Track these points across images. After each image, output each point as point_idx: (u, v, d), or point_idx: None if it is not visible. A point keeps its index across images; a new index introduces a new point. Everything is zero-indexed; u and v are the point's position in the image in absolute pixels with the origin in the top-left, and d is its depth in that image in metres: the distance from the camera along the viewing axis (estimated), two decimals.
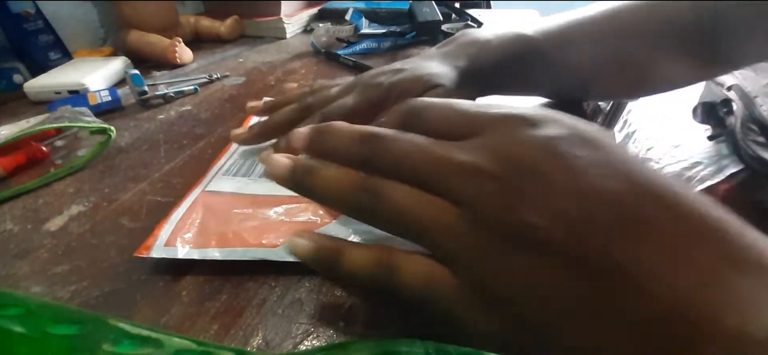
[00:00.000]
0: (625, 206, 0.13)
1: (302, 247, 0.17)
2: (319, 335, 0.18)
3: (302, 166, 0.18)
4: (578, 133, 0.15)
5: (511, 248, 0.14)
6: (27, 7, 0.49)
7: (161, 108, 0.43)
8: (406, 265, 0.16)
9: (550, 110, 0.16)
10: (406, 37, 0.60)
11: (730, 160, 0.83)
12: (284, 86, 0.40)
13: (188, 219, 0.24)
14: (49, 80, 0.46)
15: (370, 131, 0.18)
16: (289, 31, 0.69)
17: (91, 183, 0.30)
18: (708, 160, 0.87)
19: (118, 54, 0.56)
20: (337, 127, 0.19)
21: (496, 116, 0.16)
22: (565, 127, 0.15)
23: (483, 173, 0.14)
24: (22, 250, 0.24)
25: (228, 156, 0.31)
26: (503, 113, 0.16)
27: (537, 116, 0.16)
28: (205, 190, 0.27)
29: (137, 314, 0.19)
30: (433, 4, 0.61)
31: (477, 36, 0.33)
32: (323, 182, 0.18)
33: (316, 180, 0.18)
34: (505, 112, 0.16)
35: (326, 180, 0.17)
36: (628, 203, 0.13)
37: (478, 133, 0.16)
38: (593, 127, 0.15)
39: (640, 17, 0.32)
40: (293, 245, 0.17)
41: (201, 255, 0.21)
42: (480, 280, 0.14)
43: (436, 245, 0.15)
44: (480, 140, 0.15)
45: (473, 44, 0.33)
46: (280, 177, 0.18)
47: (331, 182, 0.17)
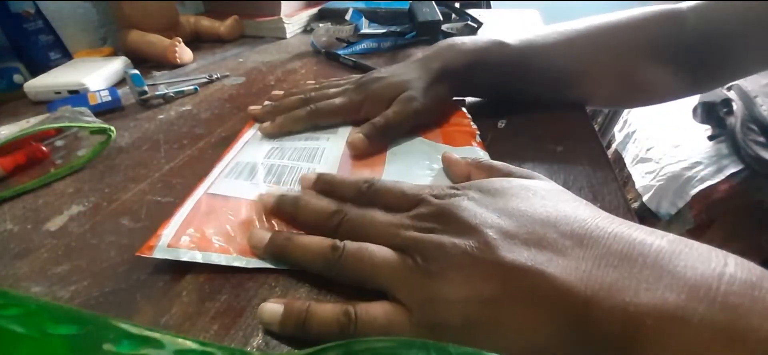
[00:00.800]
0: (533, 234, 0.17)
1: (270, 313, 0.18)
2: None
3: (282, 236, 0.22)
4: (480, 186, 0.21)
5: (444, 277, 0.17)
6: (27, 7, 0.49)
7: (161, 108, 0.43)
8: (366, 312, 0.18)
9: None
10: (406, 37, 0.60)
11: (730, 160, 0.83)
12: (302, 84, 0.44)
13: (191, 221, 0.24)
14: (49, 80, 0.46)
15: (336, 209, 0.22)
16: (289, 31, 0.69)
17: (91, 183, 0.30)
18: (708, 160, 0.86)
19: (118, 54, 0.56)
20: (307, 202, 0.23)
21: (424, 196, 0.21)
22: (473, 186, 0.21)
23: (420, 229, 0.19)
24: (22, 250, 0.24)
25: (229, 158, 0.31)
26: (426, 195, 0.21)
27: (458, 191, 0.21)
28: (208, 191, 0.27)
29: (137, 314, 0.19)
30: (433, 4, 0.61)
31: (455, 41, 0.36)
32: (300, 246, 0.21)
33: (293, 245, 0.21)
34: (427, 194, 0.21)
35: (302, 245, 0.21)
36: (534, 231, 0.17)
37: (415, 206, 0.21)
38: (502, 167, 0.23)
39: (620, 29, 0.34)
40: (262, 311, 0.19)
41: (204, 259, 0.21)
42: (428, 317, 0.17)
43: (391, 285, 0.19)
44: (419, 209, 0.21)
45: (450, 48, 0.36)
46: (258, 247, 0.22)
47: (306, 245, 0.21)
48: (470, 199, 0.20)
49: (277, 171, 0.29)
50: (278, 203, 0.24)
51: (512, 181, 0.21)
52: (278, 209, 0.24)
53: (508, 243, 0.17)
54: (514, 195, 0.20)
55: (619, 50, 0.34)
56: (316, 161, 0.30)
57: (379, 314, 0.18)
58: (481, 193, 0.20)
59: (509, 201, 0.19)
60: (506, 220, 0.18)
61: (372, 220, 0.21)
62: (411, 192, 0.22)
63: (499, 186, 0.20)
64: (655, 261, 0.15)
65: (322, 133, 0.34)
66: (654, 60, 0.33)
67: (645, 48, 0.33)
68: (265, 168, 0.29)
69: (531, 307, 0.15)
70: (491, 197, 0.20)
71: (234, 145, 0.33)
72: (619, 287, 0.14)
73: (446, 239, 0.18)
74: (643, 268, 0.15)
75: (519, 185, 0.20)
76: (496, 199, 0.20)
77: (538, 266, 0.16)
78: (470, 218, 0.18)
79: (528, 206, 0.19)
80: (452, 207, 0.19)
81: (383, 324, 0.18)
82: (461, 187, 0.21)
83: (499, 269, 0.16)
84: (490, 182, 0.21)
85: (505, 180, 0.21)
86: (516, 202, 0.19)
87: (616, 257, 0.15)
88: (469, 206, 0.19)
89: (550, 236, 0.17)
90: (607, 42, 0.34)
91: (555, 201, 0.19)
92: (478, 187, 0.21)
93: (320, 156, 0.31)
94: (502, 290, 0.16)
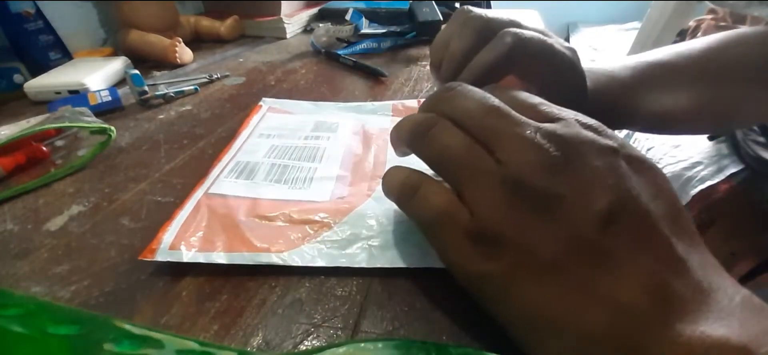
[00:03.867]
0: (643, 220, 0.15)
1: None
2: (319, 335, 0.18)
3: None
4: (634, 156, 0.17)
5: (532, 209, 0.16)
6: (27, 7, 0.49)
7: (161, 108, 0.43)
8: (429, 189, 0.18)
9: (616, 133, 0.18)
10: (406, 36, 0.60)
11: (730, 160, 0.83)
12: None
13: (192, 222, 0.24)
14: (49, 80, 0.46)
15: (455, 86, 0.20)
16: (289, 31, 0.69)
17: (91, 183, 0.30)
18: (708, 160, 0.86)
19: (118, 54, 0.55)
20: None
21: (572, 115, 0.18)
22: (624, 147, 0.17)
23: (535, 149, 0.16)
24: (22, 250, 0.24)
25: (229, 157, 0.31)
26: (578, 117, 0.18)
27: (606, 130, 0.18)
28: (208, 192, 0.27)
29: (137, 314, 0.19)
30: (433, 4, 0.61)
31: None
32: (407, 119, 0.21)
33: (405, 120, 0.21)
34: (580, 117, 0.18)
35: (409, 118, 0.21)
36: (646, 219, 0.15)
37: (548, 120, 0.18)
38: (651, 160, 0.18)
39: (718, 58, 0.31)
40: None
41: (206, 259, 0.21)
42: (492, 223, 0.16)
43: (466, 183, 0.17)
44: (553, 126, 0.17)
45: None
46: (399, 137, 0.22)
47: (412, 118, 0.21)
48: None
49: (277, 170, 0.29)
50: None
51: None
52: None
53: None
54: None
55: (723, 80, 0.31)
56: (318, 160, 0.30)
57: (441, 199, 0.18)
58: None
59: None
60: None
61: (494, 105, 0.18)
62: (554, 108, 0.19)
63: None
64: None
65: (322, 132, 0.35)
66: (752, 82, 0.31)
67: (749, 72, 0.31)
68: (265, 167, 0.29)
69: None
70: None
71: (233, 143, 0.33)
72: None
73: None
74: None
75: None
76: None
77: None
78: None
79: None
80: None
81: (437, 211, 0.18)
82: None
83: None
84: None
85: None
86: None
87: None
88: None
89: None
90: (712, 72, 0.31)
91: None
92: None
93: (321, 155, 0.31)
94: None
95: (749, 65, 0.31)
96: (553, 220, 0.15)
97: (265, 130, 0.36)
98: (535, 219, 0.16)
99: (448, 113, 0.19)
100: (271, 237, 0.23)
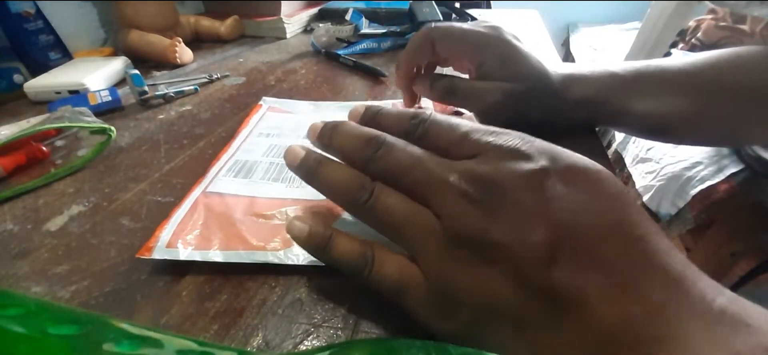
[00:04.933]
0: (588, 239, 0.15)
1: (298, 230, 0.20)
2: (319, 335, 0.18)
3: (313, 157, 0.21)
4: (568, 168, 0.16)
5: (476, 262, 0.15)
6: (27, 7, 0.49)
7: (161, 108, 0.43)
8: (383, 259, 0.18)
9: (548, 144, 0.17)
10: (406, 37, 0.60)
11: (730, 160, 0.83)
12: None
13: (189, 221, 0.24)
14: (49, 80, 0.46)
15: (375, 135, 0.19)
16: (289, 31, 0.69)
17: (91, 183, 0.30)
18: (708, 160, 0.86)
19: (118, 54, 0.55)
20: (347, 126, 0.21)
21: (491, 144, 0.17)
22: (555, 161, 0.16)
23: (466, 196, 0.16)
24: (22, 250, 0.24)
25: (227, 157, 0.31)
26: (498, 143, 0.17)
27: (530, 150, 0.17)
28: (206, 191, 0.27)
29: (137, 314, 0.19)
30: (433, 4, 0.61)
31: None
32: (328, 174, 0.20)
33: (322, 171, 0.20)
34: (500, 141, 0.17)
35: (331, 173, 0.20)
36: (592, 236, 0.15)
37: (472, 156, 0.17)
38: (590, 164, 0.16)
39: (720, 73, 0.31)
40: (290, 226, 0.20)
41: (202, 257, 0.21)
42: (444, 284, 0.16)
43: (413, 247, 0.17)
44: (472, 164, 0.17)
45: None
46: (291, 164, 0.21)
47: (335, 176, 0.20)
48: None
49: (275, 169, 0.29)
50: (321, 128, 0.22)
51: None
52: (320, 134, 0.22)
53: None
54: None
55: (726, 91, 0.31)
56: None
57: (394, 267, 0.17)
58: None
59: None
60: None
61: (414, 159, 0.18)
62: (473, 137, 0.18)
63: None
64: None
65: None
66: (756, 99, 0.30)
67: (752, 87, 0.30)
68: (263, 166, 0.29)
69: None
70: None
71: (232, 143, 0.33)
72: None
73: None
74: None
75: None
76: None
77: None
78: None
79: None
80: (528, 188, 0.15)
81: (394, 280, 0.17)
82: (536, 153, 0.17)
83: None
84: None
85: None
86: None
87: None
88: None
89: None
90: (715, 82, 0.31)
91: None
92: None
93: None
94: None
95: (750, 84, 0.30)
96: (498, 270, 0.15)
97: (265, 129, 0.36)
98: (482, 272, 0.15)
99: (378, 172, 0.19)
100: (268, 235, 0.23)
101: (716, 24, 1.22)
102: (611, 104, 0.31)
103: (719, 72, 0.31)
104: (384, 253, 0.18)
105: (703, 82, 0.31)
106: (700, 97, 0.31)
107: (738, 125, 0.32)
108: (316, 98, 0.43)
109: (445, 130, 0.19)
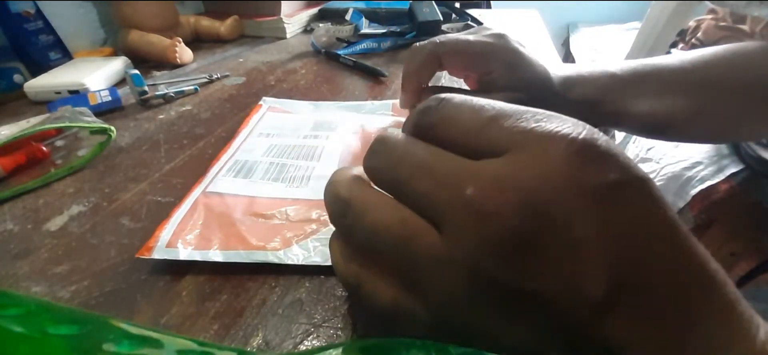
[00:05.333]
0: (647, 288, 0.11)
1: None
2: (319, 335, 0.18)
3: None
4: (641, 181, 0.12)
5: (495, 303, 0.12)
6: (27, 7, 0.49)
7: (161, 108, 0.43)
8: (373, 286, 0.15)
9: (615, 146, 0.12)
10: (406, 36, 0.60)
11: (730, 160, 0.82)
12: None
13: (189, 220, 0.24)
14: (49, 80, 0.46)
15: (380, 138, 0.15)
16: (289, 31, 0.69)
17: (91, 183, 0.30)
18: (708, 160, 0.86)
19: (118, 54, 0.55)
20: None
21: (531, 134, 0.12)
22: (628, 172, 0.12)
23: (489, 220, 0.11)
24: (22, 250, 0.24)
25: (227, 157, 0.31)
26: (544, 131, 0.12)
27: (593, 150, 0.12)
28: (206, 191, 0.27)
29: (137, 314, 0.19)
30: (433, 4, 0.61)
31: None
32: (329, 185, 0.16)
33: (328, 184, 0.16)
34: (546, 129, 0.12)
35: (330, 184, 0.16)
36: (656, 279, 0.11)
37: (501, 151, 0.12)
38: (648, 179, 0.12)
39: (719, 70, 0.31)
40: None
41: (202, 256, 0.21)
42: (452, 326, 0.13)
43: (409, 278, 0.14)
44: (500, 168, 0.12)
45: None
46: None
47: (329, 187, 0.16)
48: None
49: (275, 169, 0.29)
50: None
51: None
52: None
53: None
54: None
55: (725, 87, 0.31)
56: (316, 159, 0.30)
57: (386, 302, 0.14)
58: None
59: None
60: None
61: (417, 161, 0.14)
62: (503, 123, 0.13)
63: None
64: None
65: (321, 131, 0.35)
66: (756, 95, 0.30)
67: (750, 82, 0.30)
68: (263, 166, 0.29)
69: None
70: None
71: (232, 143, 0.33)
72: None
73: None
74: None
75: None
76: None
77: None
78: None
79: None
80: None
81: (389, 306, 0.14)
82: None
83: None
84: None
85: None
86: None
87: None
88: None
89: None
90: (713, 78, 0.31)
91: None
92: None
93: (319, 154, 0.31)
94: None
95: (749, 80, 0.30)
96: (528, 316, 0.12)
97: (265, 129, 0.36)
98: (505, 314, 0.12)
99: (377, 175, 0.15)
100: (268, 235, 0.23)
101: (716, 24, 1.22)
102: (611, 105, 0.31)
103: (717, 68, 0.31)
104: (375, 277, 0.15)
105: (702, 79, 0.31)
106: (699, 94, 0.31)
107: (737, 121, 0.33)
108: (316, 98, 0.43)
109: (464, 114, 0.14)
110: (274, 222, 0.24)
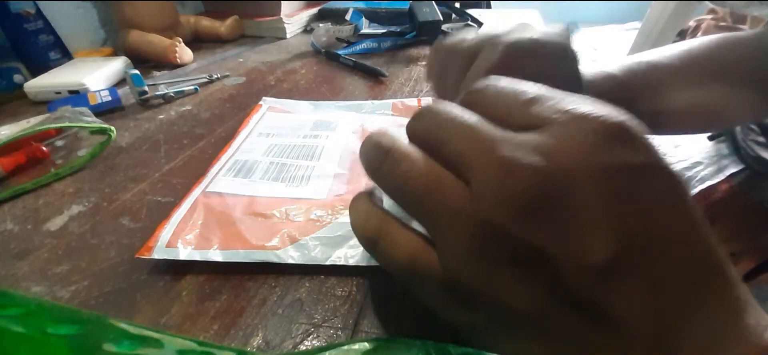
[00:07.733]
0: (651, 266, 0.12)
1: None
2: (319, 335, 0.18)
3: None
4: (660, 166, 0.13)
5: (508, 262, 0.13)
6: (27, 7, 0.49)
7: (161, 108, 0.43)
8: (390, 239, 0.15)
9: (640, 125, 0.13)
10: (406, 37, 0.60)
11: (730, 160, 0.82)
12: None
13: (189, 220, 0.24)
14: (49, 80, 0.46)
15: (427, 105, 0.16)
16: (289, 31, 0.69)
17: (91, 183, 0.30)
18: (708, 160, 0.86)
19: (118, 54, 0.55)
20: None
21: (565, 114, 0.13)
22: (650, 153, 0.13)
23: (510, 179, 0.12)
24: (22, 250, 0.24)
25: (227, 156, 0.31)
26: (577, 112, 0.13)
27: (621, 130, 0.12)
28: (206, 190, 0.27)
29: (137, 314, 0.19)
30: (433, 4, 0.61)
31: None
32: (370, 138, 0.17)
33: (368, 137, 0.17)
34: (580, 110, 0.13)
35: (370, 136, 0.17)
36: (662, 252, 0.12)
37: (538, 126, 0.13)
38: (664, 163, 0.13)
39: (717, 61, 0.31)
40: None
41: (202, 256, 0.21)
42: (463, 282, 0.13)
43: (431, 227, 0.14)
44: (532, 137, 0.13)
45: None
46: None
47: (370, 139, 0.17)
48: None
49: (275, 168, 0.29)
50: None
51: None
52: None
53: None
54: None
55: (719, 80, 0.31)
56: (316, 159, 0.30)
57: (407, 247, 0.15)
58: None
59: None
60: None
61: (461, 123, 0.15)
62: (543, 104, 0.14)
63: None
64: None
65: (321, 131, 0.35)
66: (745, 82, 0.31)
67: (744, 73, 0.31)
68: (263, 165, 0.29)
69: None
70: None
71: (232, 142, 0.33)
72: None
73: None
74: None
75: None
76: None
77: None
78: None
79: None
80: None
81: (405, 261, 0.15)
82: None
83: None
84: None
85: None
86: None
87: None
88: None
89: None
90: (707, 72, 0.31)
91: None
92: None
93: (320, 153, 0.31)
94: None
95: (743, 66, 0.31)
96: (532, 276, 0.12)
97: (265, 129, 0.36)
98: (510, 273, 0.12)
99: (419, 136, 0.16)
100: (268, 234, 0.23)
101: (716, 24, 1.22)
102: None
103: (712, 59, 0.31)
104: (396, 230, 0.15)
105: (697, 71, 0.31)
106: (694, 87, 0.31)
107: (732, 110, 0.33)
108: (316, 98, 0.43)
109: (508, 94, 0.15)
110: (274, 221, 0.24)
